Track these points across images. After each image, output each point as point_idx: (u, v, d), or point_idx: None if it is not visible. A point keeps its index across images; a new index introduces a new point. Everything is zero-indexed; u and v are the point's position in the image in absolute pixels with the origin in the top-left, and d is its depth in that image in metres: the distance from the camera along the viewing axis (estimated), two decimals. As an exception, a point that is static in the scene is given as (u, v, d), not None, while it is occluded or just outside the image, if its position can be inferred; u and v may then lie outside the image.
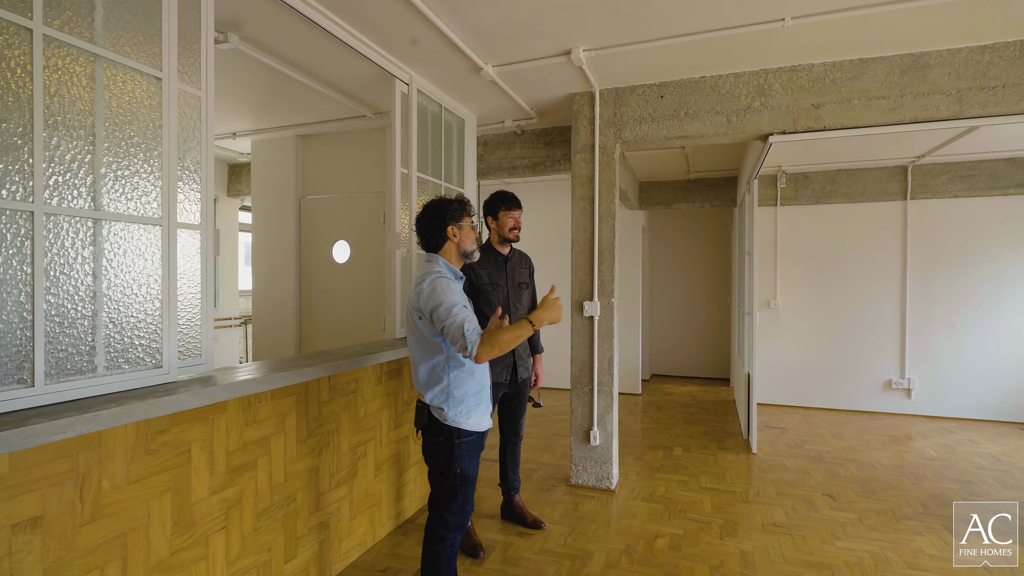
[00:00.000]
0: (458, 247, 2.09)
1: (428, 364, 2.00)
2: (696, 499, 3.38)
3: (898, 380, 5.43)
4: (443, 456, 1.98)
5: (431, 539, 2.03)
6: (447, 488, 2.00)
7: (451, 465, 1.98)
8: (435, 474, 2.02)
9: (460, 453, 1.99)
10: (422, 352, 2.01)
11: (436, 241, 2.08)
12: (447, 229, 2.06)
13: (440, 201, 2.10)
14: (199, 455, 1.84)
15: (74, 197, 1.52)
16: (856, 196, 5.52)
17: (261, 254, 4.63)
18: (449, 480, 1.99)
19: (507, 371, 2.83)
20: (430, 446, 2.01)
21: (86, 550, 1.51)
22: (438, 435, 1.99)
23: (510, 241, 2.85)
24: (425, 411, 2.01)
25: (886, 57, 2.97)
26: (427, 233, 2.08)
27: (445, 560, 2.02)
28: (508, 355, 2.82)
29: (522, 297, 2.91)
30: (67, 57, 1.50)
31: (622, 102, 3.47)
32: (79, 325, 1.55)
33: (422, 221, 2.10)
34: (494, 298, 2.80)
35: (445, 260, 2.07)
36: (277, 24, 2.64)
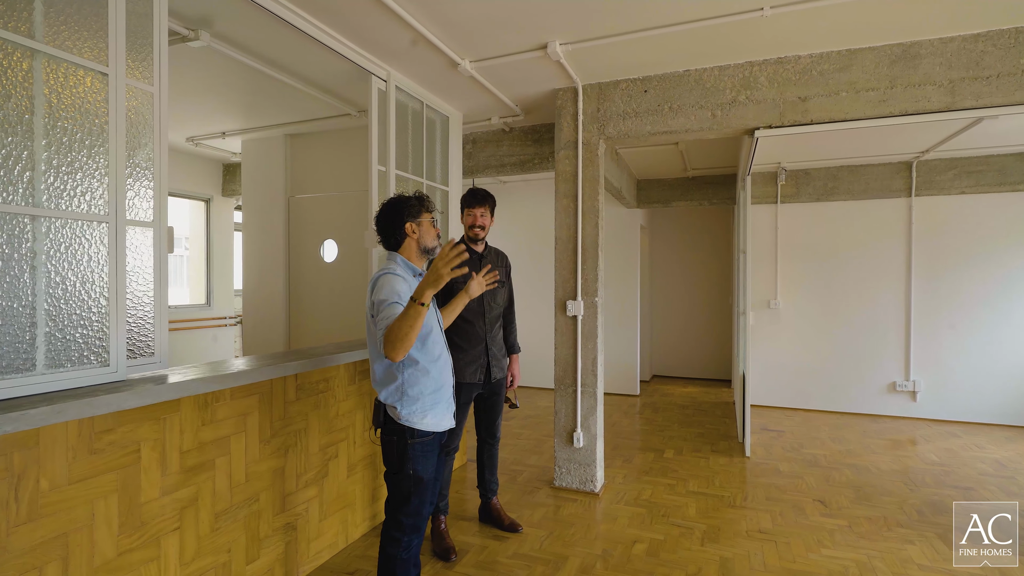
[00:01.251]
0: (418, 244, 2.04)
1: (383, 362, 1.96)
2: (682, 503, 3.30)
3: (902, 382, 5.27)
4: (397, 456, 1.94)
5: (385, 541, 1.99)
6: (401, 489, 1.96)
7: (404, 466, 1.94)
8: (390, 475, 1.99)
9: (413, 454, 1.94)
10: (377, 351, 1.97)
11: (395, 239, 2.04)
12: (405, 226, 2.01)
13: (397, 198, 2.06)
14: (149, 455, 1.82)
15: (9, 194, 1.51)
16: (859, 193, 5.38)
17: (252, 253, 4.64)
18: (402, 481, 1.95)
19: (480, 371, 2.77)
20: (385, 445, 1.98)
21: (22, 551, 1.49)
22: (392, 435, 1.95)
23: (472, 239, 2.79)
24: (381, 409, 1.98)
25: (875, 47, 2.86)
26: (385, 231, 2.04)
27: (399, 563, 1.98)
28: (481, 355, 2.77)
29: (497, 296, 2.86)
30: (0, 51, 1.48)
31: (605, 97, 3.40)
32: (16, 323, 1.53)
33: (380, 219, 2.05)
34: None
35: (404, 258, 2.03)
36: (247, 21, 2.63)
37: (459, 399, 2.72)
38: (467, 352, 2.75)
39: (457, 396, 2.70)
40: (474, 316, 2.76)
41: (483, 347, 2.78)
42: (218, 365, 2.16)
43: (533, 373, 6.52)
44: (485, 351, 2.78)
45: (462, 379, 2.72)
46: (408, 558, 1.99)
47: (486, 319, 2.79)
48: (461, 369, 2.72)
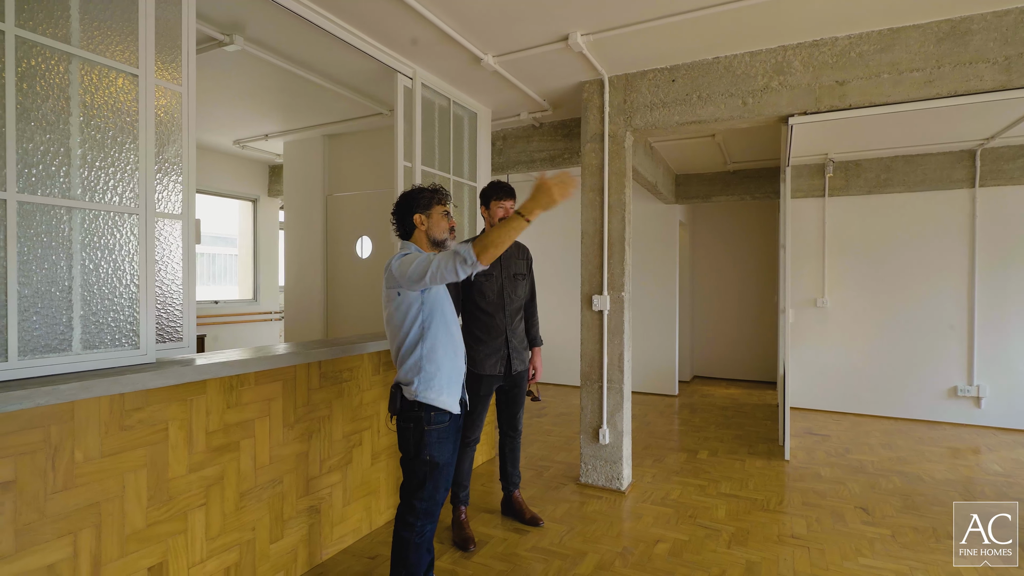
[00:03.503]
0: (427, 235, 2.10)
1: (402, 341, 2.01)
2: (711, 505, 3.20)
3: (965, 387, 4.91)
4: (412, 441, 1.99)
5: (399, 525, 2.04)
6: (416, 474, 2.00)
7: (420, 451, 1.98)
8: (406, 460, 2.03)
9: (429, 439, 1.98)
10: (398, 330, 2.02)
11: (405, 229, 2.11)
12: (413, 217, 2.08)
13: (410, 191, 2.13)
14: (177, 433, 1.93)
15: (48, 187, 1.64)
16: (915, 185, 5.05)
17: (293, 250, 4.83)
18: (418, 466, 1.99)
19: (500, 364, 2.78)
20: (402, 432, 2.03)
21: (58, 516, 1.61)
22: (408, 420, 2.00)
23: None
24: (397, 394, 2.02)
25: (920, 25, 2.69)
26: (397, 221, 2.13)
27: (412, 547, 2.01)
28: (501, 347, 2.78)
29: (518, 288, 2.86)
30: (39, 56, 1.61)
31: (632, 88, 3.34)
32: (54, 306, 1.66)
33: (393, 210, 2.14)
34: (487, 288, 2.77)
35: (417, 247, 2.09)
36: (276, 24, 2.74)
37: (479, 390, 2.74)
38: (487, 344, 2.76)
39: (477, 388, 2.74)
40: (494, 308, 2.77)
41: (503, 339, 2.79)
42: (242, 351, 2.27)
43: (568, 371, 6.47)
44: (505, 343, 2.79)
45: (482, 371, 2.73)
46: (421, 543, 2.03)
47: (506, 311, 2.80)
48: (481, 361, 2.74)
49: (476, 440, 2.82)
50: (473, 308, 2.78)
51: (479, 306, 2.76)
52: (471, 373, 2.70)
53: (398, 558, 2.03)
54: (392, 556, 2.06)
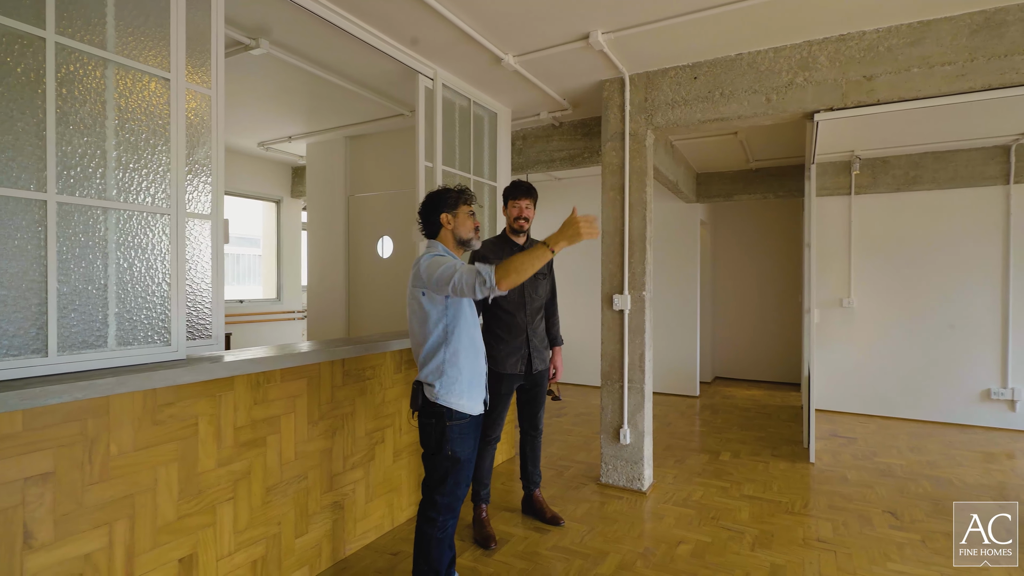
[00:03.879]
0: (453, 234, 2.13)
1: (426, 342, 2.04)
2: (734, 507, 3.16)
3: (999, 390, 4.77)
4: (434, 437, 2.01)
5: (421, 520, 2.06)
6: (438, 470, 2.03)
7: (442, 447, 2.00)
8: (428, 456, 2.06)
9: (451, 435, 2.00)
10: (421, 330, 2.05)
11: (432, 228, 2.15)
12: (440, 216, 2.11)
13: (437, 191, 2.16)
14: (206, 428, 1.98)
15: (85, 188, 1.69)
16: (945, 182, 4.92)
17: (315, 250, 4.90)
18: (440, 462, 2.02)
19: (521, 363, 2.79)
20: (423, 428, 2.06)
21: (95, 507, 1.67)
22: (430, 417, 2.02)
23: (517, 231, 2.80)
24: (419, 391, 2.05)
25: (952, 17, 2.62)
26: (424, 220, 2.16)
27: (435, 542, 2.04)
28: (522, 346, 2.78)
29: (538, 288, 2.86)
30: (77, 62, 1.67)
31: (653, 86, 3.32)
32: (91, 304, 1.72)
33: (420, 210, 2.18)
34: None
35: (443, 246, 2.13)
36: (300, 27, 2.79)
37: (500, 389, 2.75)
38: (508, 343, 2.77)
39: (498, 386, 2.75)
40: (515, 307, 2.78)
41: (524, 338, 2.79)
42: (269, 349, 2.31)
43: (587, 370, 6.45)
44: (526, 342, 2.79)
45: (503, 370, 2.74)
46: (443, 538, 2.05)
47: (527, 310, 2.80)
48: (502, 360, 2.75)
49: (497, 439, 2.83)
50: (494, 307, 2.79)
51: (500, 305, 2.77)
52: (492, 372, 2.71)
53: (421, 553, 2.06)
54: (415, 551, 2.09)
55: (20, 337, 1.57)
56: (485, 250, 2.76)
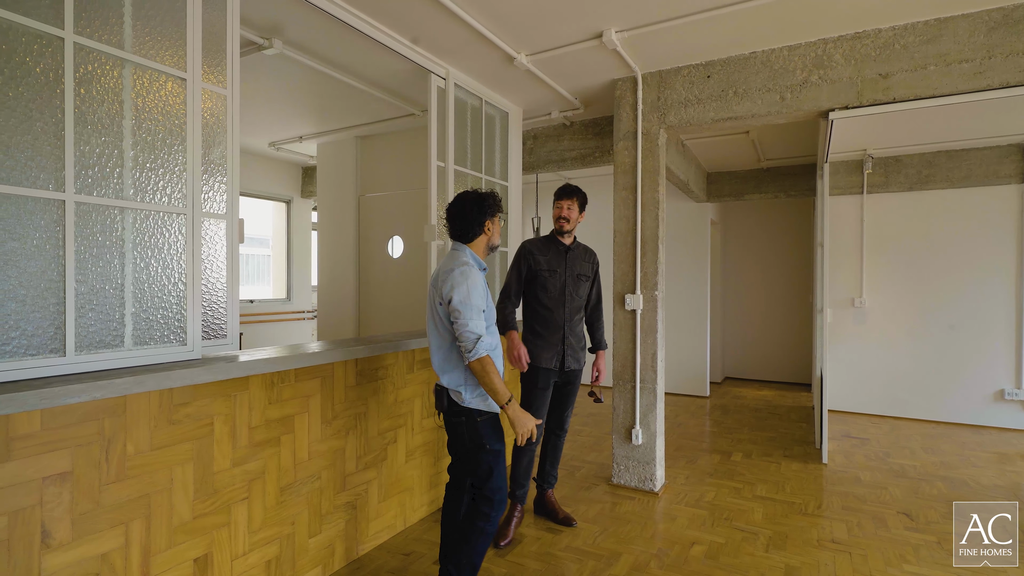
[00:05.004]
0: (488, 240, 2.14)
1: (445, 350, 2.05)
2: (747, 508, 3.14)
3: (1012, 390, 4.72)
4: (468, 436, 2.04)
5: (475, 515, 2.07)
6: (482, 465, 2.05)
7: (480, 443, 2.04)
8: (465, 454, 2.09)
9: (484, 431, 2.04)
10: (440, 338, 2.05)
11: (472, 232, 2.09)
12: (485, 222, 2.09)
13: (479, 193, 2.12)
14: (221, 428, 1.98)
15: (102, 188, 1.69)
16: (959, 181, 4.87)
17: (326, 250, 4.91)
18: (482, 457, 2.04)
19: (556, 359, 2.80)
20: (454, 427, 2.08)
21: (112, 506, 1.67)
22: (459, 415, 2.04)
23: (558, 232, 2.84)
24: (444, 394, 2.07)
25: (969, 14, 2.59)
26: (463, 223, 2.08)
27: (485, 536, 2.06)
28: (559, 343, 2.81)
29: (580, 288, 2.87)
30: (95, 62, 1.67)
31: (666, 85, 3.30)
32: (108, 303, 1.72)
33: (459, 211, 2.09)
34: (550, 284, 2.80)
35: (473, 252, 2.10)
36: (313, 27, 2.79)
37: (537, 382, 2.77)
38: (545, 339, 2.79)
39: (535, 379, 2.77)
40: (555, 304, 2.80)
41: (561, 335, 2.81)
42: (283, 349, 2.31)
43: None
44: (562, 340, 2.81)
45: (539, 363, 2.77)
46: (493, 531, 2.08)
47: (566, 308, 2.82)
48: (538, 354, 2.78)
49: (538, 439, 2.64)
50: (534, 302, 2.83)
51: (540, 300, 2.79)
52: (530, 366, 2.75)
53: (470, 547, 2.05)
54: (465, 549, 2.06)
55: (38, 337, 1.58)
56: (532, 246, 2.84)
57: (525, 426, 1.98)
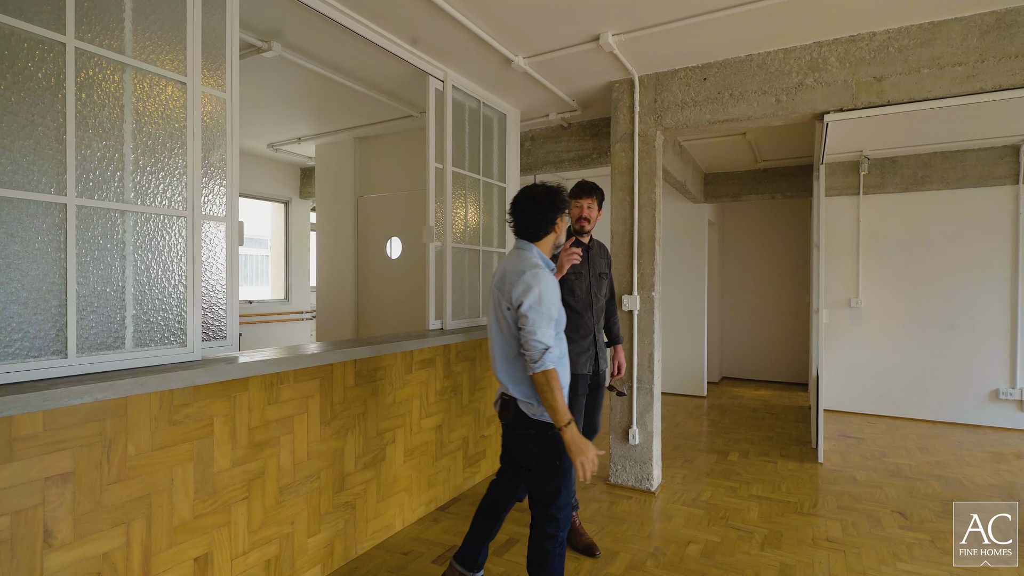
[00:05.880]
0: (555, 238, 2.02)
1: (512, 357, 1.90)
2: (743, 507, 3.16)
3: (1007, 390, 4.75)
4: (538, 451, 1.89)
5: (543, 538, 1.92)
6: (550, 483, 1.89)
7: (551, 459, 1.88)
8: (535, 471, 1.92)
9: (557, 445, 1.88)
10: (507, 345, 1.91)
11: (543, 230, 1.95)
12: (556, 220, 1.96)
13: (549, 188, 1.97)
14: (221, 429, 1.99)
15: (103, 191, 1.71)
16: (955, 182, 4.90)
17: (324, 251, 4.93)
18: (552, 475, 1.89)
19: (590, 362, 2.75)
20: (520, 440, 1.93)
21: (113, 506, 1.69)
22: (528, 428, 1.90)
23: (578, 232, 2.76)
24: (512, 405, 1.92)
25: (963, 18, 2.62)
26: (535, 220, 1.94)
27: (558, 557, 1.93)
28: (591, 346, 2.75)
29: (602, 287, 2.85)
30: (96, 67, 1.69)
31: (663, 87, 3.32)
32: (109, 305, 1.74)
33: (531, 207, 1.95)
34: (577, 286, 2.75)
35: (540, 251, 1.97)
36: (312, 30, 2.80)
37: (577, 390, 2.69)
38: (577, 343, 2.74)
39: (575, 388, 2.68)
40: (583, 307, 2.75)
41: (592, 338, 2.78)
42: (282, 350, 2.33)
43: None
44: (594, 342, 2.78)
45: (576, 370, 2.71)
46: (563, 551, 1.95)
47: (594, 310, 2.79)
48: (574, 360, 2.71)
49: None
50: (564, 307, 2.74)
51: (569, 304, 2.70)
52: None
53: (545, 570, 1.93)
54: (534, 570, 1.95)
55: (40, 339, 1.59)
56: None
57: (585, 454, 1.75)
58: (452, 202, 3.33)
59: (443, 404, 3.19)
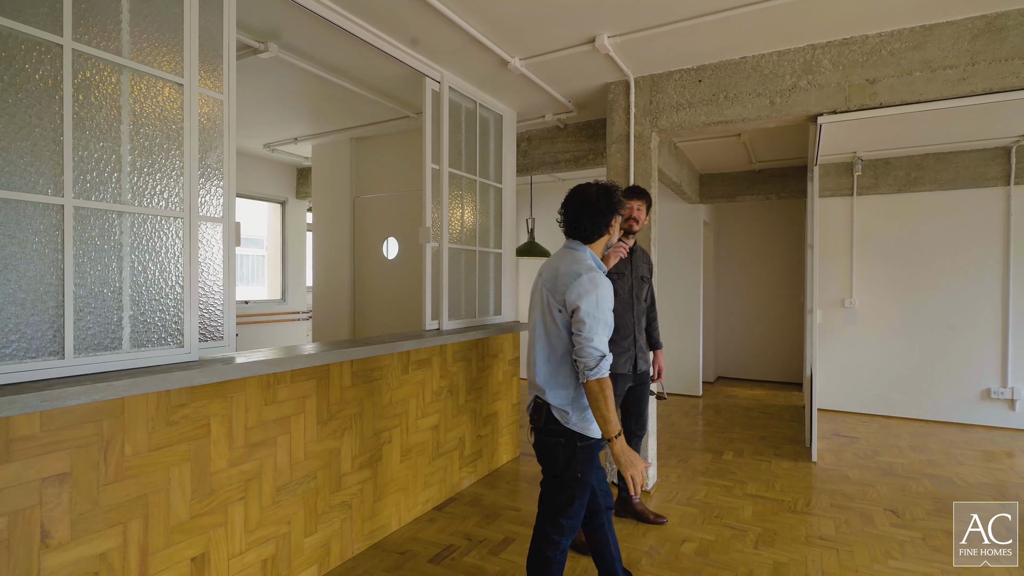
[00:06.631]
0: (608, 239, 1.98)
1: (556, 362, 1.86)
2: (737, 506, 3.19)
3: (999, 389, 4.79)
4: (562, 459, 1.85)
5: (544, 543, 1.91)
6: (565, 493, 1.86)
7: (570, 469, 1.84)
8: (550, 477, 1.91)
9: (582, 457, 1.83)
10: (552, 349, 1.86)
11: (598, 232, 1.91)
12: (611, 220, 1.92)
13: (603, 187, 1.92)
14: (218, 429, 2.00)
15: (101, 193, 1.72)
16: (947, 183, 4.95)
17: (321, 251, 4.93)
18: (567, 485, 1.86)
19: (629, 363, 2.80)
20: (548, 447, 1.88)
21: (110, 507, 1.69)
22: (558, 436, 1.85)
23: (626, 232, 2.81)
24: (544, 410, 1.87)
25: (954, 22, 2.65)
26: (591, 221, 1.89)
27: (556, 565, 1.90)
28: (631, 347, 2.80)
29: (644, 290, 2.89)
30: (94, 68, 1.69)
31: (658, 89, 3.35)
32: (106, 306, 1.74)
33: (586, 207, 1.90)
34: (620, 288, 2.78)
35: (592, 252, 1.93)
36: (310, 31, 2.81)
37: (616, 391, 2.71)
38: (618, 344, 2.78)
39: (614, 388, 2.68)
40: (624, 308, 2.80)
41: (632, 339, 2.82)
42: (279, 350, 2.34)
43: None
44: (634, 343, 2.82)
45: (615, 370, 2.75)
46: (563, 560, 1.93)
47: (635, 311, 2.84)
48: (613, 361, 2.75)
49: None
50: None
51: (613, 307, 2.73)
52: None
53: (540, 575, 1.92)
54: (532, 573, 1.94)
55: (38, 340, 1.60)
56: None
57: (635, 467, 1.73)
58: (448, 203, 3.34)
59: (440, 404, 3.20)
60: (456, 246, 3.44)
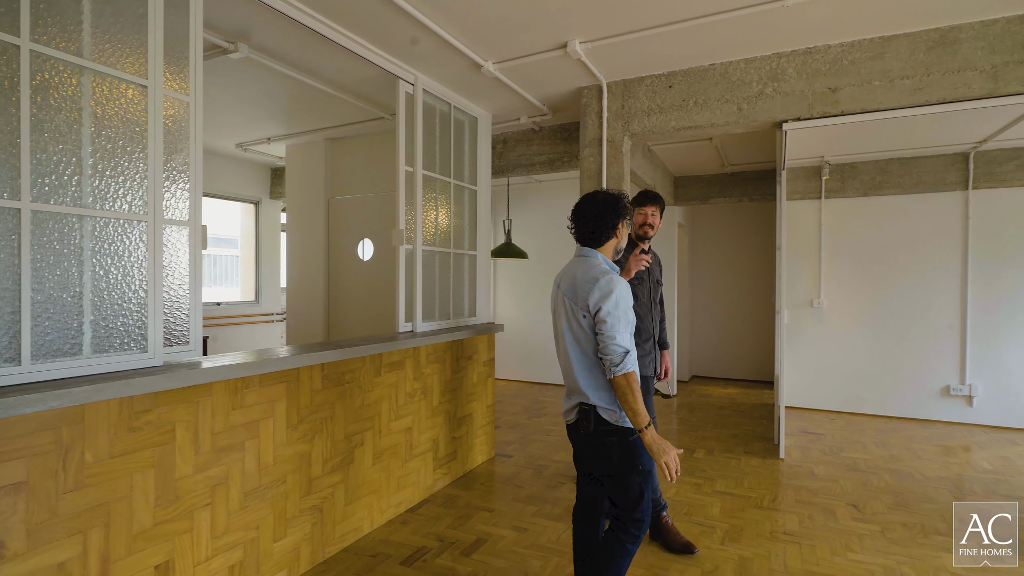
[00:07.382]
0: (616, 244, 2.03)
1: (590, 366, 1.91)
2: (706, 503, 3.26)
3: (957, 386, 4.97)
4: (620, 455, 1.89)
5: (625, 537, 1.94)
6: (633, 488, 1.90)
7: (633, 463, 1.88)
8: (618, 476, 1.93)
9: (638, 449, 1.89)
10: (584, 354, 1.91)
11: (605, 235, 1.97)
12: (618, 225, 1.98)
13: (610, 195, 2.00)
14: (183, 435, 1.98)
15: (60, 196, 1.69)
16: (910, 187, 5.11)
17: (295, 252, 4.88)
18: (634, 479, 1.90)
19: (653, 364, 2.84)
20: (603, 448, 1.92)
21: (69, 515, 1.66)
22: (610, 436, 1.89)
23: (641, 238, 2.80)
24: (591, 413, 1.90)
25: (910, 34, 2.74)
26: (598, 225, 1.96)
27: (630, 556, 1.95)
28: (652, 349, 2.84)
29: (659, 293, 2.93)
30: (53, 70, 1.66)
31: (630, 94, 3.40)
32: (65, 311, 1.71)
33: (593, 213, 1.97)
34: (640, 293, 2.81)
35: (604, 256, 1.99)
36: (280, 32, 2.79)
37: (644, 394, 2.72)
38: (641, 347, 2.79)
39: (644, 389, 2.72)
40: (644, 311, 2.83)
41: (652, 341, 2.85)
42: (248, 354, 2.32)
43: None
44: (654, 345, 2.86)
45: (641, 372, 2.76)
46: (635, 551, 1.97)
47: (653, 315, 2.88)
48: (639, 364, 2.76)
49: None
50: None
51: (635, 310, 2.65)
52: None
53: (615, 568, 1.94)
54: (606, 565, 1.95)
55: (-6, 346, 1.56)
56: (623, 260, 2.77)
57: (668, 454, 1.76)
58: (423, 205, 3.34)
59: (413, 406, 3.21)
60: (431, 248, 3.44)
